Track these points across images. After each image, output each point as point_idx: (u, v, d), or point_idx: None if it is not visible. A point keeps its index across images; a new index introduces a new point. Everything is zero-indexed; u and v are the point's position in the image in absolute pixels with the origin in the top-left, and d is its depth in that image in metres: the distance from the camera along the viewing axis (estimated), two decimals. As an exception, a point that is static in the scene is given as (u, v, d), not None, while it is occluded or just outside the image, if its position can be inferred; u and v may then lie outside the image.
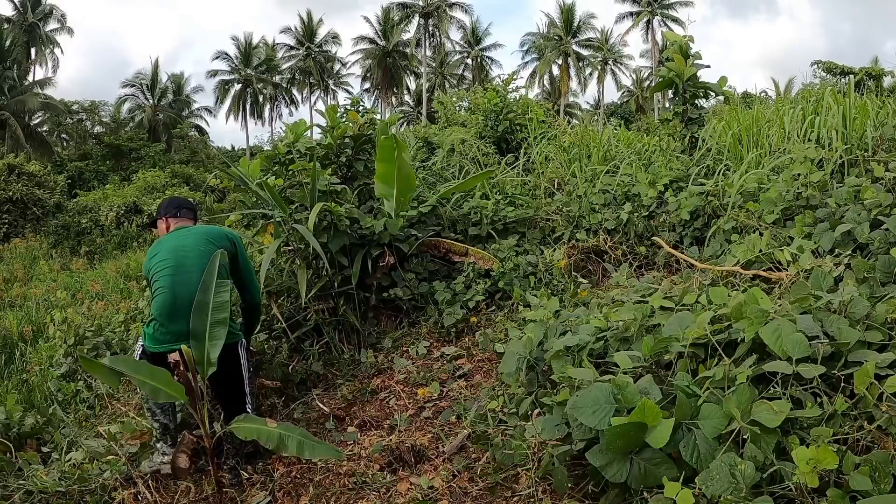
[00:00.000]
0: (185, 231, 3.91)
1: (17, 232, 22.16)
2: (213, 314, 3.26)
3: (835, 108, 5.55)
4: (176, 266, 3.64)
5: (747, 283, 3.70)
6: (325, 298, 5.40)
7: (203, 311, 3.26)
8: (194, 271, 3.55)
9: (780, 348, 2.41)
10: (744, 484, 2.03)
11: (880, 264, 3.20)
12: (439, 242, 5.84)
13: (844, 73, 19.00)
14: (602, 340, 3.28)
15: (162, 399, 3.05)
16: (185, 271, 3.61)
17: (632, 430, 2.36)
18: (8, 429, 4.22)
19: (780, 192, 4.68)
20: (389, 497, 3.22)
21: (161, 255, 3.73)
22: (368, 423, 4.14)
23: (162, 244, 3.83)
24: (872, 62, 25.94)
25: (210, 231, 3.97)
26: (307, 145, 6.02)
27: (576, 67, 54.54)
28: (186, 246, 3.73)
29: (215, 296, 3.29)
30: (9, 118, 37.11)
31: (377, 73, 56.71)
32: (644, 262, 5.52)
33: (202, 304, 3.27)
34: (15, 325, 9.92)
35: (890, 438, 2.09)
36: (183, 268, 3.63)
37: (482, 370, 4.53)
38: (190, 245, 3.74)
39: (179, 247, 3.73)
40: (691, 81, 6.71)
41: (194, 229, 3.96)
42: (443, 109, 11.54)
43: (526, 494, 2.90)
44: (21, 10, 47.57)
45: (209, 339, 3.24)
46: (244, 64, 56.28)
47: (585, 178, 6.86)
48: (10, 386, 6.88)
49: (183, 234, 3.86)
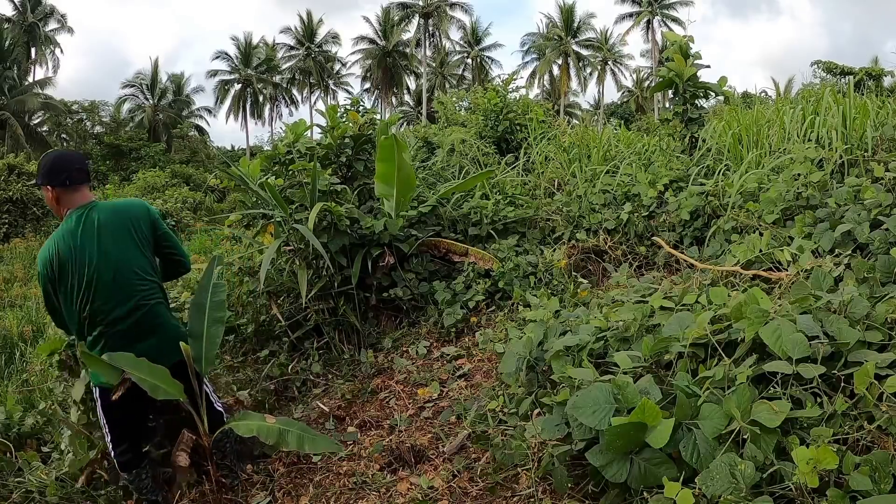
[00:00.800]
0: (90, 220, 3.12)
1: (17, 232, 22.19)
2: (210, 313, 3.27)
3: (835, 108, 5.55)
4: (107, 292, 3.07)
5: (747, 283, 3.70)
6: (325, 298, 5.41)
7: (201, 312, 3.26)
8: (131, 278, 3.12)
9: (780, 348, 2.41)
10: (744, 484, 2.03)
11: (880, 264, 3.20)
12: (439, 242, 5.84)
13: (844, 73, 19.01)
14: (602, 340, 3.28)
15: (160, 396, 3.04)
16: (119, 287, 3.09)
17: (632, 430, 2.36)
18: (8, 429, 4.22)
19: (780, 192, 4.67)
20: (389, 497, 3.22)
21: (74, 276, 3.06)
22: (368, 423, 4.14)
23: (64, 250, 3.06)
24: (872, 62, 25.97)
25: (120, 213, 3.21)
26: (307, 145, 6.02)
27: (576, 67, 54.57)
28: (107, 251, 3.09)
29: (213, 296, 3.29)
30: (9, 118, 37.13)
31: (377, 73, 56.74)
32: (644, 262, 5.52)
33: (199, 304, 3.27)
34: (15, 325, 9.92)
35: (890, 438, 2.09)
36: (113, 283, 3.08)
37: (482, 370, 4.53)
38: (111, 248, 3.10)
39: (98, 258, 3.06)
40: (691, 81, 6.71)
41: (102, 219, 3.15)
42: (443, 109, 11.54)
43: (526, 494, 2.90)
44: (21, 10, 47.59)
45: (207, 338, 3.24)
46: (244, 64, 56.31)
47: (585, 178, 6.86)
48: (10, 386, 6.87)
49: (90, 229, 3.10)
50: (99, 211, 3.17)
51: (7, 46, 43.22)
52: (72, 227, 3.11)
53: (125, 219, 3.21)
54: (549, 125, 9.77)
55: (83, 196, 3.19)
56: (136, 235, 3.20)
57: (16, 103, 38.72)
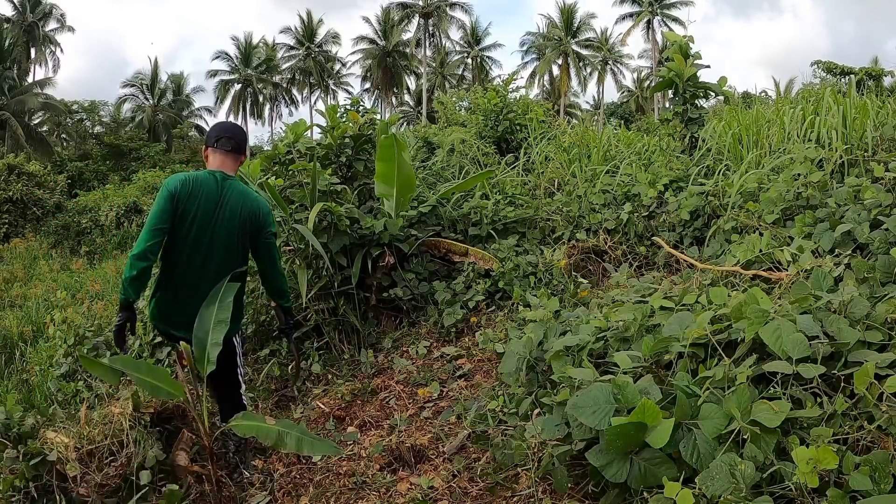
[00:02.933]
0: (217, 190, 3.32)
1: (17, 232, 22.19)
2: (218, 313, 3.24)
3: (835, 108, 5.55)
4: (196, 241, 3.27)
5: (747, 283, 3.70)
6: (325, 298, 5.41)
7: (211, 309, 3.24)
8: (212, 257, 3.30)
9: (780, 348, 2.41)
10: (744, 484, 2.03)
11: (880, 264, 3.20)
12: (439, 242, 5.84)
13: (844, 72, 19.00)
14: (602, 340, 3.28)
15: (161, 397, 3.04)
16: (203, 251, 3.29)
17: (632, 430, 2.37)
18: (8, 429, 4.21)
19: (780, 192, 4.67)
20: (389, 497, 3.22)
21: (190, 210, 3.26)
22: (368, 423, 4.14)
23: (194, 190, 3.27)
24: (873, 62, 25.98)
25: (241, 206, 3.38)
26: (307, 145, 6.02)
27: (576, 67, 54.55)
28: (218, 216, 3.29)
29: (224, 295, 3.28)
30: (9, 118, 37.13)
31: (377, 73, 56.72)
32: (644, 262, 5.52)
33: (212, 301, 3.24)
34: (15, 325, 9.93)
35: (890, 438, 2.09)
36: (202, 245, 3.29)
37: (482, 370, 4.53)
38: (219, 220, 3.30)
39: (208, 216, 3.27)
40: (691, 81, 6.72)
41: (230, 197, 3.35)
42: (443, 109, 11.54)
43: (526, 494, 2.90)
44: (20, 9, 47.59)
45: (211, 338, 3.22)
46: (244, 64, 56.30)
47: (585, 178, 6.86)
48: (10, 386, 6.88)
49: (213, 194, 3.31)
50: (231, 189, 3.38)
51: (7, 46, 43.20)
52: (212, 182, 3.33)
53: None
54: (549, 125, 9.77)
55: (223, 164, 3.41)
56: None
57: (16, 103, 38.71)
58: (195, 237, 3.27)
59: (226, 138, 3.42)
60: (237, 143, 3.46)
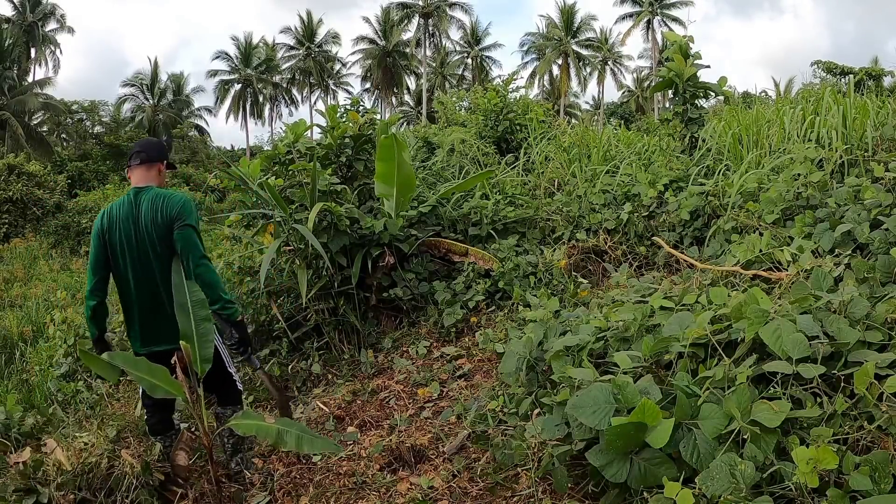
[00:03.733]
0: (130, 210, 3.35)
1: (17, 232, 22.18)
2: (194, 312, 3.23)
3: (835, 108, 5.55)
4: (132, 264, 3.33)
5: (747, 283, 3.70)
6: (325, 298, 5.41)
7: (185, 312, 3.24)
8: (152, 269, 3.33)
9: (780, 348, 2.41)
10: (744, 484, 2.03)
11: (880, 264, 3.20)
12: (439, 242, 5.84)
13: (844, 72, 19.02)
14: (602, 340, 3.28)
15: (159, 394, 3.03)
16: (141, 270, 3.33)
17: (632, 430, 2.36)
18: (8, 429, 4.21)
19: (780, 192, 4.68)
20: (389, 497, 3.22)
21: (115, 240, 3.34)
22: (368, 423, 4.14)
23: (112, 220, 3.36)
24: (873, 62, 25.99)
25: (152, 212, 3.35)
26: (307, 145, 6.02)
27: (576, 67, 54.56)
28: (138, 233, 3.32)
29: (190, 295, 3.27)
30: (9, 118, 37.12)
31: (377, 73, 56.72)
32: (644, 262, 5.52)
33: (181, 304, 3.25)
34: (15, 325, 9.93)
35: (890, 438, 2.09)
36: (137, 264, 3.33)
37: (482, 370, 4.53)
38: (140, 235, 3.32)
39: (130, 237, 3.32)
40: (691, 81, 6.72)
41: (143, 209, 3.35)
42: (443, 109, 11.54)
43: (526, 494, 2.90)
44: (20, 9, 47.58)
45: (198, 337, 3.21)
46: (244, 64, 56.30)
47: (585, 178, 6.86)
48: (10, 386, 6.88)
49: (128, 214, 3.35)
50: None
51: (7, 46, 43.19)
52: (126, 205, 3.39)
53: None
54: (549, 125, 9.77)
55: (137, 178, 3.47)
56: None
57: (16, 103, 38.70)
58: (130, 260, 3.35)
59: (135, 154, 3.52)
60: (147, 154, 3.51)
